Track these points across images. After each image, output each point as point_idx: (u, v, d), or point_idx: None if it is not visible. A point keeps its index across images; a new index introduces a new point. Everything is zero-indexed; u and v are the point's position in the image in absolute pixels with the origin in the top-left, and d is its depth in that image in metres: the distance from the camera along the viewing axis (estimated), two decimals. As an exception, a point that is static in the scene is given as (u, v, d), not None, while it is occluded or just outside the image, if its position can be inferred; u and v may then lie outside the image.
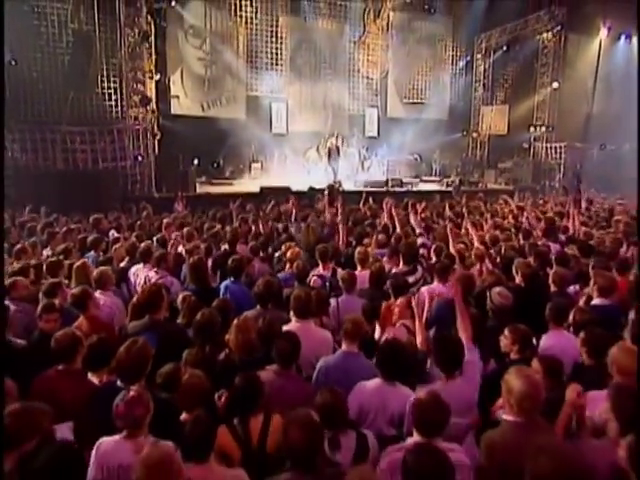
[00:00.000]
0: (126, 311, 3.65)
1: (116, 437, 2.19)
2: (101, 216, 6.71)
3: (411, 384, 2.65)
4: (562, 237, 5.94)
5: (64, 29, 11.60)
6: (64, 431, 2.37)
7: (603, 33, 18.01)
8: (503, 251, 5.04)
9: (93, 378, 2.69)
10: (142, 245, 4.83)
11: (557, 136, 17.80)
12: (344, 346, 2.95)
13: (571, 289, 4.06)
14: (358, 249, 4.66)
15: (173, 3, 14.60)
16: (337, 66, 18.46)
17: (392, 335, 3.05)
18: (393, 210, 6.11)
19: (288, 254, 4.77)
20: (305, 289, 3.56)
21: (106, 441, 2.20)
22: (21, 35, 11.58)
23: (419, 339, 3.11)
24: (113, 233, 5.91)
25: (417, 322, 3.17)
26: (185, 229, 5.95)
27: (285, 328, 3.09)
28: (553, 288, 3.86)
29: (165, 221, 6.55)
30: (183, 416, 2.38)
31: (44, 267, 4.13)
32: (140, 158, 11.70)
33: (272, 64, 17.78)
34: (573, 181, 15.00)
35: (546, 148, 18.03)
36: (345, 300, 3.80)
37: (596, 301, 3.55)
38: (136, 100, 11.73)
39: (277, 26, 17.64)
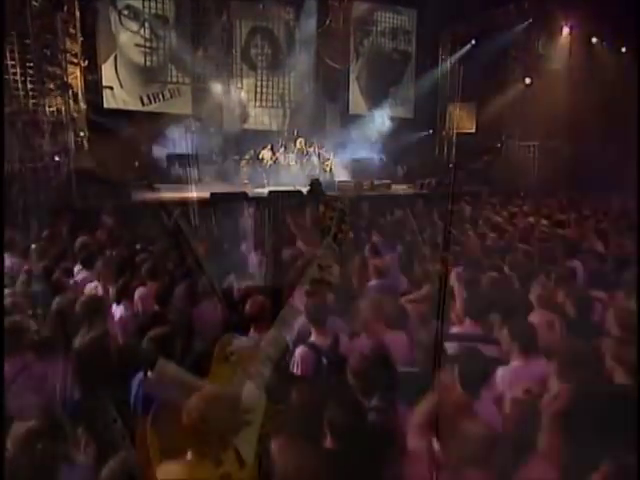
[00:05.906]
0: None
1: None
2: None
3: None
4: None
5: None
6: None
7: (566, 31, 17.38)
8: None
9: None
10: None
11: (530, 134, 16.87)
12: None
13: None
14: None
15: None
16: (295, 58, 16.75)
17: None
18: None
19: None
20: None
21: None
22: None
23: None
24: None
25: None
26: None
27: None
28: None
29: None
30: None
31: None
32: (58, 158, 9.47)
33: (223, 53, 15.84)
34: None
35: (518, 147, 17.09)
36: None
37: None
38: (52, 87, 9.49)
39: (228, 12, 15.75)
